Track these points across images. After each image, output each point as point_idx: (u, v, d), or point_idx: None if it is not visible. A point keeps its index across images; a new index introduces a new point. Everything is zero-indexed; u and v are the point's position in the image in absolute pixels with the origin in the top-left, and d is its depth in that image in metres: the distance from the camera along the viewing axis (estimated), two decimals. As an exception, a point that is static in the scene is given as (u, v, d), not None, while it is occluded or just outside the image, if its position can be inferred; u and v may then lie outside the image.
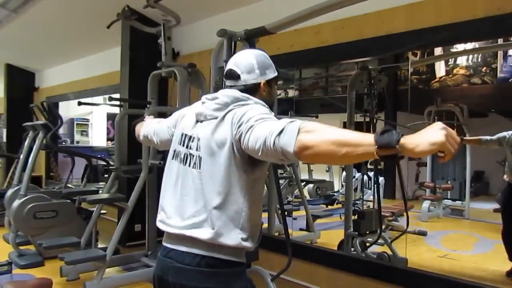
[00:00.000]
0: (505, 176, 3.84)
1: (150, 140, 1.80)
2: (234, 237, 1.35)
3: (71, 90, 7.08)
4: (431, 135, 1.00)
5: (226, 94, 1.43)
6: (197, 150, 1.42)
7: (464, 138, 4.28)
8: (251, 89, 1.48)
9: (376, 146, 1.02)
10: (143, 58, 4.60)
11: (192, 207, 1.39)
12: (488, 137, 3.98)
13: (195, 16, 4.46)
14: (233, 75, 1.50)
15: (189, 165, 1.43)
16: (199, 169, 1.39)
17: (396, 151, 1.01)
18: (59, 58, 7.13)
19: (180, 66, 3.63)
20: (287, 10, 2.57)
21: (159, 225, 1.50)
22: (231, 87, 1.50)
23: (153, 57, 3.79)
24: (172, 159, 1.52)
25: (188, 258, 1.37)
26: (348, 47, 3.32)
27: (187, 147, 1.46)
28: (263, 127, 1.21)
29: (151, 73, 3.84)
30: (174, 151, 1.52)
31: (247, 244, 1.39)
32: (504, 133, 3.79)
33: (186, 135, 1.49)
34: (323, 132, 1.09)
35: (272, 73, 1.54)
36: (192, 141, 1.45)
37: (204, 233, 1.35)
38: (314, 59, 3.73)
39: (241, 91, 1.46)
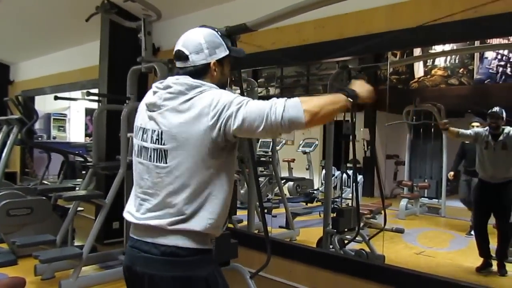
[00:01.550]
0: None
1: None
2: (202, 222, 1.35)
3: (48, 84, 6.92)
4: (366, 87, 1.49)
5: (178, 82, 1.39)
6: (154, 142, 1.37)
7: (450, 128, 4.25)
8: (201, 70, 1.43)
9: (349, 99, 1.40)
10: (122, 52, 4.52)
11: (153, 200, 1.39)
12: (466, 131, 4.05)
13: (176, 11, 4.41)
14: (181, 56, 1.45)
15: (144, 158, 1.41)
16: (160, 162, 1.36)
17: (358, 100, 1.43)
18: (36, 51, 6.95)
19: (160, 62, 3.59)
20: (269, 8, 2.56)
21: (125, 215, 1.49)
22: (180, 68, 1.46)
23: (133, 52, 3.74)
24: (134, 153, 1.50)
25: (154, 248, 1.37)
26: (328, 46, 3.34)
27: (141, 139, 1.43)
28: (256, 107, 1.30)
29: (131, 68, 3.79)
30: (134, 144, 1.50)
31: (214, 229, 1.39)
32: (480, 129, 3.88)
33: (140, 127, 1.45)
34: (318, 100, 1.34)
35: (222, 52, 1.48)
36: (145, 133, 1.42)
37: (169, 221, 1.34)
38: (295, 58, 3.73)
39: (191, 72, 1.42)
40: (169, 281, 1.35)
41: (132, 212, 1.46)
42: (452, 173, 5.46)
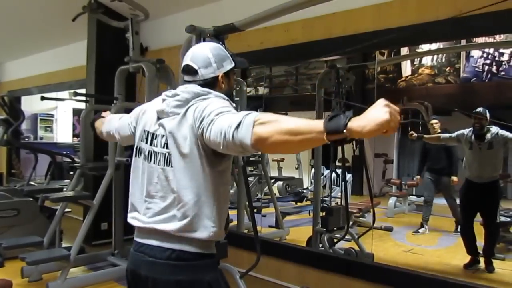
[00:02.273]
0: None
1: (113, 136, 1.79)
2: (205, 230, 1.38)
3: (34, 84, 6.84)
4: (376, 115, 1.00)
5: (186, 90, 1.43)
6: (163, 147, 1.42)
7: (424, 136, 4.44)
8: (210, 83, 1.47)
9: (325, 133, 1.04)
10: (110, 52, 4.48)
11: (161, 203, 1.42)
12: (447, 134, 4.13)
13: (164, 11, 4.38)
14: (190, 71, 1.48)
15: (154, 162, 1.44)
16: (167, 166, 1.40)
17: (344, 136, 1.02)
18: (22, 51, 6.87)
19: (148, 62, 3.57)
20: (257, 8, 2.56)
21: (131, 221, 1.52)
22: (189, 82, 1.49)
23: (121, 52, 3.72)
24: (136, 156, 1.53)
25: (159, 252, 1.40)
26: (317, 46, 3.35)
27: (151, 144, 1.46)
28: (223, 120, 1.23)
29: (119, 68, 3.76)
30: (138, 148, 1.52)
31: (217, 236, 1.42)
32: (463, 131, 3.92)
33: (148, 132, 1.49)
34: (276, 123, 1.11)
35: (229, 65, 1.53)
36: (155, 138, 1.45)
37: (174, 227, 1.38)
38: (283, 57, 3.74)
39: (200, 85, 1.45)
40: (173, 285, 1.38)
41: (138, 216, 1.48)
42: (418, 177, 5.54)
